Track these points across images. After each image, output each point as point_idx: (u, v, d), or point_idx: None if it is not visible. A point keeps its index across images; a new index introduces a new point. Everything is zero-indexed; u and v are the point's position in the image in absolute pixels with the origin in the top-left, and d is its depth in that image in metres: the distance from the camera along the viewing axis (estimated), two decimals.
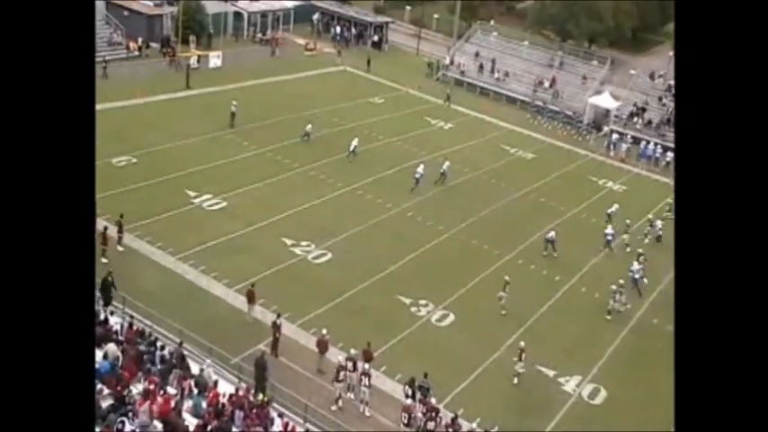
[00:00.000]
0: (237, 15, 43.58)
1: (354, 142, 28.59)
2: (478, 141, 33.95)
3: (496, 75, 42.06)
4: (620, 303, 19.88)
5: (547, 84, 40.92)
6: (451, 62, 43.26)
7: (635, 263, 22.13)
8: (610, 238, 24.72)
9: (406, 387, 15.20)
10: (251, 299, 17.69)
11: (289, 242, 21.74)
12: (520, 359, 16.51)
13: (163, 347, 14.45)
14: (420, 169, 26.81)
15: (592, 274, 23.19)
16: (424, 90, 39.72)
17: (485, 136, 34.78)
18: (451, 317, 19.55)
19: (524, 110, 39.67)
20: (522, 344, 16.93)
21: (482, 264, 22.60)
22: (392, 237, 23.22)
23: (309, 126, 29.61)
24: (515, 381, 16.58)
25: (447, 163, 27.93)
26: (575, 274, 23.15)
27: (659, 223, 25.94)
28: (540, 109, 39.31)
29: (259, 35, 43.88)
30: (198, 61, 35.69)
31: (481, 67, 42.74)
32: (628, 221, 26.05)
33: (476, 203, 26.86)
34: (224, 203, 23.76)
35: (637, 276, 21.25)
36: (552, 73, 41.75)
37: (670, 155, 34.58)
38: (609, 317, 19.87)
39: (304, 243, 21.75)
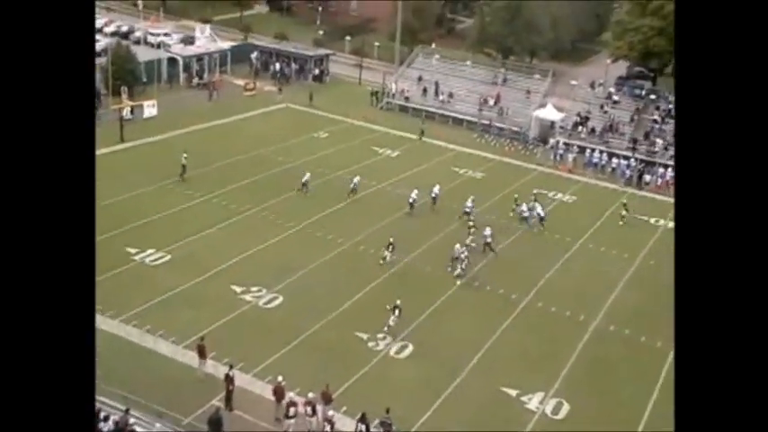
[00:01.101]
0: (171, 61, 43.22)
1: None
2: (428, 165, 34.45)
3: (441, 97, 42.84)
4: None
5: (491, 101, 41.89)
6: (395, 89, 43.94)
7: None
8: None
9: (359, 424, 15.36)
10: (201, 353, 17.52)
11: (238, 289, 21.44)
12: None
13: (107, 418, 14.15)
14: (414, 194, 27.33)
15: (548, 289, 23.56)
16: (369, 119, 40.20)
17: (433, 159, 35.22)
18: (410, 348, 19.70)
19: (471, 129, 40.51)
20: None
21: (438, 290, 22.73)
22: (345, 272, 23.15)
23: (307, 175, 28.67)
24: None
25: (437, 187, 28.28)
26: (531, 291, 23.52)
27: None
28: (486, 127, 40.14)
29: (195, 80, 43.53)
30: (131, 112, 35.27)
31: (425, 90, 43.45)
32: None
33: (429, 229, 27.05)
34: (168, 257, 23.29)
35: None
36: (496, 90, 42.69)
37: (615, 161, 35.99)
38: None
39: (254, 288, 21.48)
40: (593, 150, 37.14)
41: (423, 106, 42.59)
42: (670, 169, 34.64)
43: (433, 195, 28.39)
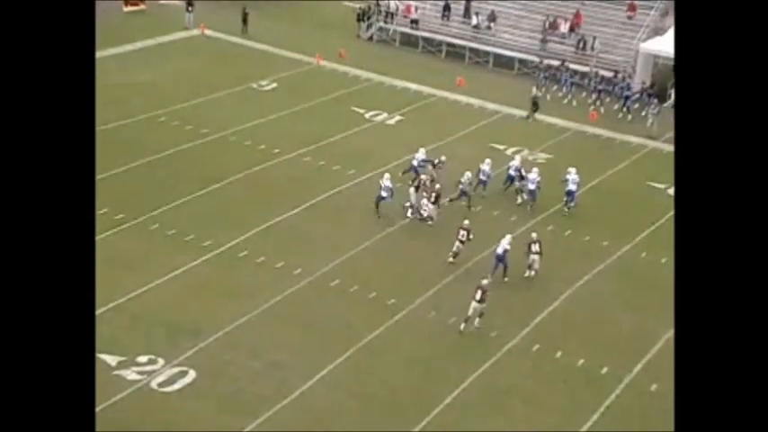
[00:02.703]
0: None
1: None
2: (451, 141, 31.72)
3: (475, 20, 41.25)
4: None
5: (565, 27, 39.75)
6: (394, 6, 42.75)
7: None
8: None
9: None
10: None
11: (113, 361, 18.99)
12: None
13: None
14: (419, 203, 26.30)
15: None
16: (349, 59, 38.70)
17: (462, 130, 33.07)
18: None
19: (528, 76, 39.25)
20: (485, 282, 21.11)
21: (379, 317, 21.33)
22: (301, 326, 21.21)
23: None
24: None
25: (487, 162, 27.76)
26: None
27: None
28: (555, 72, 38.29)
29: None
30: None
31: (447, 9, 41.73)
32: None
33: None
34: None
35: None
36: (574, 7, 40.21)
37: None
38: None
39: (142, 359, 19.10)
40: None
41: (443, 36, 41.57)
42: None
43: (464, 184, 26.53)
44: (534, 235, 23.20)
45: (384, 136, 31.80)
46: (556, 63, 37.77)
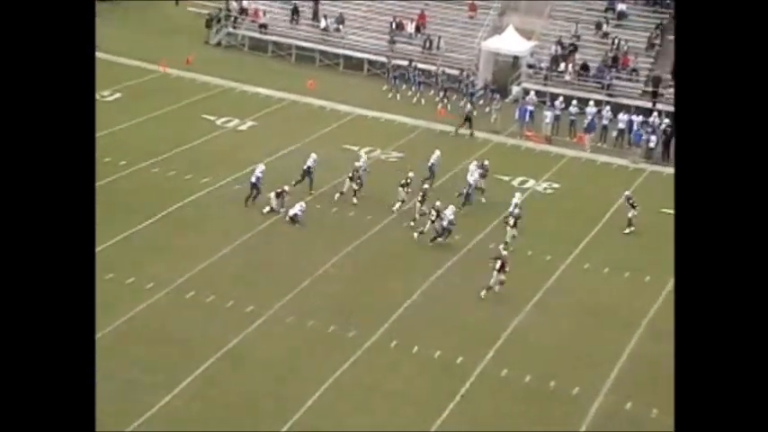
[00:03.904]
0: None
1: None
2: (304, 144, 31.65)
3: (324, 23, 41.28)
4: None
5: (411, 28, 40.43)
6: (242, 10, 42.04)
7: None
8: None
9: None
10: None
11: None
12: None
13: None
14: (273, 202, 26.43)
15: (509, 354, 20.09)
16: (197, 65, 38.03)
17: (315, 132, 33.02)
18: None
19: (377, 77, 39.64)
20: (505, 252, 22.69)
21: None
22: (156, 341, 20.25)
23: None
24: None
25: (312, 157, 28.14)
26: (484, 355, 19.95)
27: None
28: (403, 72, 38.51)
29: None
30: None
31: (295, 12, 41.54)
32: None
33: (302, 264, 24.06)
34: None
35: None
36: (418, 8, 41.02)
37: (623, 119, 34.20)
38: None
39: None
40: (584, 103, 34.72)
41: (293, 39, 41.66)
42: None
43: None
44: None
45: (237, 142, 31.41)
46: (404, 63, 38.19)
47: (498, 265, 22.24)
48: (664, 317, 22.39)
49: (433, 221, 24.89)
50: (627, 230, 26.32)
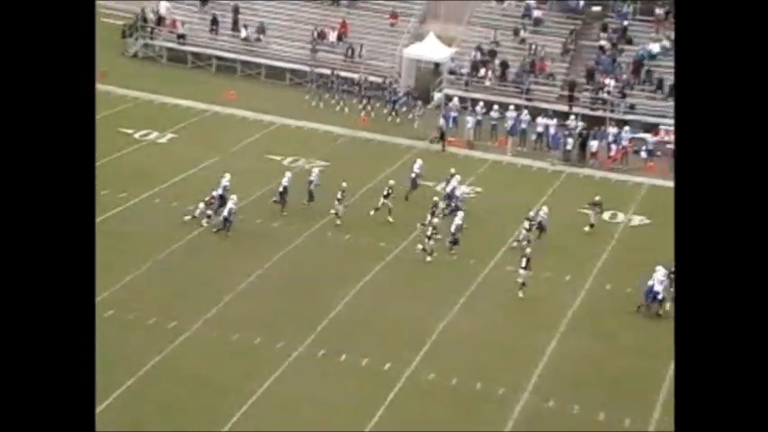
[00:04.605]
0: None
1: None
2: (227, 155, 31.34)
3: (244, 33, 40.83)
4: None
5: (333, 36, 40.33)
6: (159, 20, 41.29)
7: None
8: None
9: None
10: None
11: None
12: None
13: None
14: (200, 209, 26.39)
15: (437, 356, 20.30)
16: (112, 78, 36.93)
17: (238, 143, 32.86)
18: None
19: (300, 86, 39.55)
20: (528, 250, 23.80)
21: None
22: None
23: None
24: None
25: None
26: (412, 360, 20.17)
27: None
28: (325, 80, 38.55)
29: None
30: None
31: (215, 22, 41.13)
32: None
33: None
34: None
35: None
36: (340, 16, 40.80)
37: (541, 122, 34.71)
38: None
39: None
40: (505, 108, 35.29)
41: (213, 49, 41.12)
42: (628, 129, 33.78)
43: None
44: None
45: (156, 155, 30.88)
46: (326, 71, 38.10)
47: (524, 262, 23.11)
48: (584, 315, 23.14)
49: (429, 237, 24.80)
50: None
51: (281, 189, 26.51)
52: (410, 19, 40.40)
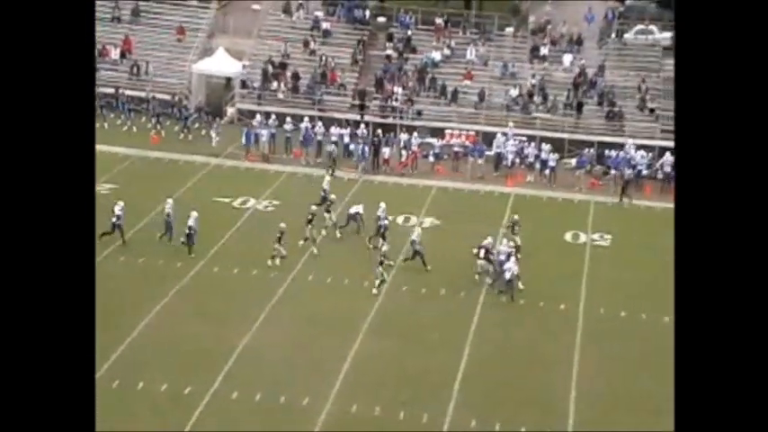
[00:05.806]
0: None
1: None
2: None
3: None
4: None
5: (116, 54, 39.39)
6: None
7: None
8: None
9: None
10: None
11: None
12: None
13: None
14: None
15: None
16: None
17: None
18: None
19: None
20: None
21: None
22: None
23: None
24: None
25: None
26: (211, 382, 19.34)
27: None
28: (110, 100, 37.52)
29: None
30: None
31: None
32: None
33: None
34: None
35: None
36: (122, 32, 39.98)
37: (335, 132, 35.07)
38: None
39: None
40: (299, 120, 35.68)
41: None
42: (416, 134, 34.80)
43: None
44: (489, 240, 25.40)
45: None
46: (110, 90, 36.85)
47: (483, 252, 24.58)
48: (382, 318, 23.67)
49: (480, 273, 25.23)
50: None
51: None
52: (198, 34, 39.96)
